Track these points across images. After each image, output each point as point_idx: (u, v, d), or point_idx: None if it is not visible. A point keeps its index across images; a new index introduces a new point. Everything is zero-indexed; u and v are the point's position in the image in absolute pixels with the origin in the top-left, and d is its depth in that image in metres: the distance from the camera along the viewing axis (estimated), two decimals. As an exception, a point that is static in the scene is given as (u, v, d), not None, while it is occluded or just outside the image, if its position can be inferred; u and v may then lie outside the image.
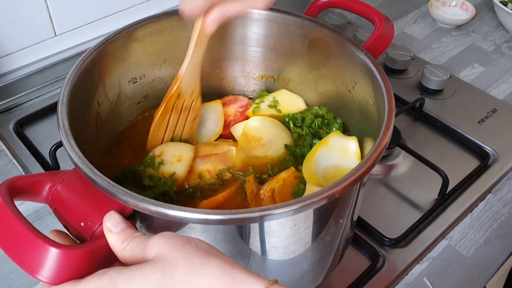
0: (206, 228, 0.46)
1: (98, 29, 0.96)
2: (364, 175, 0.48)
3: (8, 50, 0.88)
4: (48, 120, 0.85)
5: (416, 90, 0.94)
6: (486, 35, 1.12)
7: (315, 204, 0.45)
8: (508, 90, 0.97)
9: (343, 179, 0.46)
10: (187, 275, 0.36)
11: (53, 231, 0.45)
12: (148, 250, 0.39)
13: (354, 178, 0.46)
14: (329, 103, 0.72)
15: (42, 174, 0.49)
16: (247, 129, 0.68)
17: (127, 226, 0.42)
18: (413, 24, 1.15)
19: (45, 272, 0.39)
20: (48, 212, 0.72)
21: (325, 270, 0.60)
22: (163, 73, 0.72)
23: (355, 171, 0.47)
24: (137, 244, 0.39)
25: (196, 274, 0.36)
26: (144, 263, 0.38)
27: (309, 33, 0.68)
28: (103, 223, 0.42)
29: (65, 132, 0.51)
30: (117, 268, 0.38)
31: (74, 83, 0.56)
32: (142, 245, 0.39)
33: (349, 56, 0.64)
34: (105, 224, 0.42)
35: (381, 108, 0.55)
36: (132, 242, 0.40)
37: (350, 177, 0.46)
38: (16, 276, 0.65)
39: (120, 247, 0.40)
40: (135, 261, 0.39)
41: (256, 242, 0.48)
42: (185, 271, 0.36)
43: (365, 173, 0.48)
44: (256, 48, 0.74)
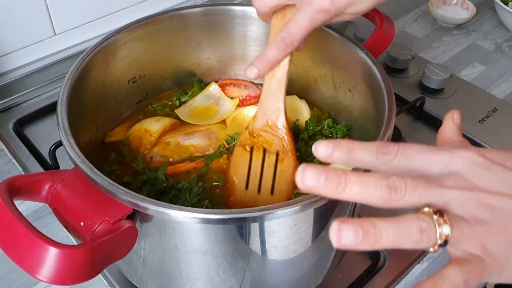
0: (206, 227, 0.46)
1: (98, 28, 0.96)
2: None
3: (7, 49, 0.88)
4: (47, 120, 0.85)
5: (416, 89, 0.94)
6: (487, 34, 1.12)
7: (316, 203, 0.45)
8: (508, 89, 0.97)
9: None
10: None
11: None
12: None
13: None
14: (329, 103, 0.72)
15: (41, 174, 0.49)
16: (240, 114, 0.70)
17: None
18: (413, 23, 1.15)
19: (45, 271, 0.39)
20: (48, 211, 0.71)
21: (325, 270, 0.59)
22: (163, 73, 0.72)
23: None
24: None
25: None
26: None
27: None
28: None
29: (65, 131, 0.50)
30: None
31: (73, 83, 0.56)
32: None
33: (349, 56, 0.63)
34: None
35: (382, 108, 0.55)
36: None
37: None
38: (16, 276, 0.64)
39: None
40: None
41: (256, 241, 0.48)
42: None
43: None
44: (256, 48, 0.74)
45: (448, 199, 0.35)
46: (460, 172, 0.35)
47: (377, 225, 0.33)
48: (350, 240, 0.32)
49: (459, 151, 0.36)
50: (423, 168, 0.36)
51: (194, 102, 0.73)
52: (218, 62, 0.76)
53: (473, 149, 0.37)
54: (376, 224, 0.33)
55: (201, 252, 0.48)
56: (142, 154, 0.64)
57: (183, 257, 0.50)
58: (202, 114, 0.72)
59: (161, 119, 0.69)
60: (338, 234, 0.33)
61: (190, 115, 0.71)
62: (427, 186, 0.35)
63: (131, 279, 0.60)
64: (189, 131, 0.69)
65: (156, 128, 0.67)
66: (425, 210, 0.34)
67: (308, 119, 0.70)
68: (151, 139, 0.66)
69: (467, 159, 0.36)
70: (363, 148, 0.37)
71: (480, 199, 0.34)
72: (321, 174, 0.34)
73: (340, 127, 0.68)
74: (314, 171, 0.34)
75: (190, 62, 0.74)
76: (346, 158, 0.37)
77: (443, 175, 0.36)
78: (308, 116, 0.71)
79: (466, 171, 0.35)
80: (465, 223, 0.34)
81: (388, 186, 0.34)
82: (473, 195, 0.35)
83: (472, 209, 0.34)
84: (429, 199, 0.35)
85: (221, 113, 0.72)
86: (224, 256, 0.49)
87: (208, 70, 0.76)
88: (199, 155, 0.66)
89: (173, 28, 0.69)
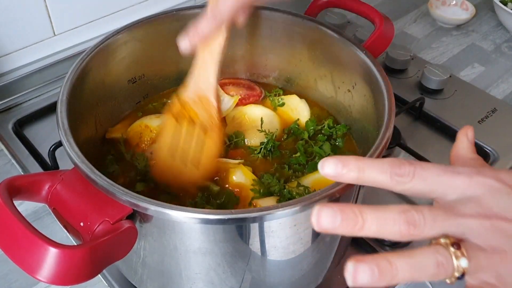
0: (206, 228, 0.46)
1: (98, 28, 0.96)
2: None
3: (7, 50, 0.88)
4: (47, 120, 0.85)
5: (416, 90, 0.94)
6: (486, 35, 1.12)
7: (316, 204, 0.44)
8: (508, 90, 0.97)
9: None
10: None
11: None
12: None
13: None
14: (329, 103, 0.72)
15: (41, 174, 0.49)
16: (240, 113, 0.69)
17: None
18: (413, 23, 1.15)
19: (45, 272, 0.39)
20: (48, 212, 0.71)
21: (325, 270, 0.59)
22: (163, 73, 0.72)
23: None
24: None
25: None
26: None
27: (309, 33, 0.68)
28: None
29: (65, 131, 0.50)
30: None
31: (73, 83, 0.56)
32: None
33: (349, 56, 0.64)
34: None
35: (381, 108, 0.55)
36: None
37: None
38: (15, 276, 0.64)
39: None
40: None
41: (256, 242, 0.48)
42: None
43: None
44: (256, 48, 0.74)
45: (466, 228, 0.34)
46: (478, 198, 0.35)
47: (393, 262, 0.32)
48: (365, 280, 0.32)
49: (478, 177, 0.35)
50: (441, 192, 0.36)
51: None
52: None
53: (490, 174, 0.36)
54: (391, 261, 0.32)
55: (201, 253, 0.48)
56: (142, 153, 0.64)
57: (182, 258, 0.50)
58: None
59: (162, 115, 0.69)
60: (354, 275, 0.32)
61: None
62: (445, 216, 0.34)
63: (130, 279, 0.60)
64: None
65: (157, 124, 0.67)
66: (441, 241, 0.34)
67: (309, 119, 0.70)
68: (152, 134, 0.66)
69: (486, 186, 0.35)
70: (374, 167, 0.35)
71: (498, 227, 0.34)
72: (337, 215, 0.33)
73: (340, 127, 0.68)
74: (329, 212, 0.33)
75: (190, 62, 0.74)
76: (357, 177, 0.35)
77: (461, 201, 0.35)
78: (308, 116, 0.71)
79: (485, 198, 0.35)
80: (482, 253, 0.34)
81: (406, 221, 0.33)
82: (492, 223, 0.34)
83: (490, 238, 0.34)
84: (447, 229, 0.34)
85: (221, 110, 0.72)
86: (224, 257, 0.49)
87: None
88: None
89: (173, 29, 0.68)
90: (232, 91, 0.75)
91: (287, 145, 0.67)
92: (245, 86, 0.76)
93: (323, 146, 0.65)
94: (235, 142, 0.67)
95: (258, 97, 0.75)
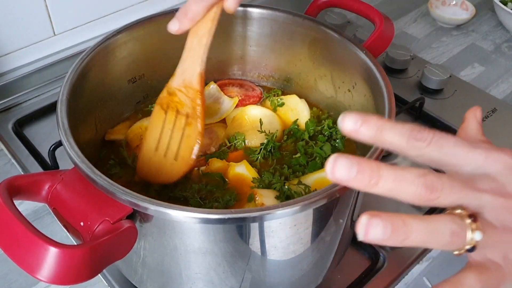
0: (206, 227, 0.46)
1: (97, 28, 0.96)
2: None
3: (7, 50, 0.88)
4: (47, 120, 0.85)
5: (416, 90, 0.94)
6: (486, 35, 1.12)
7: (315, 203, 0.45)
8: (508, 90, 0.97)
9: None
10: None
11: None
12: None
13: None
14: (329, 103, 0.72)
15: (41, 174, 0.49)
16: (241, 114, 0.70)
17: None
18: (413, 23, 1.15)
19: (45, 271, 0.39)
20: (48, 211, 0.71)
21: (325, 270, 0.59)
22: (163, 73, 0.72)
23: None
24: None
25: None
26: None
27: (309, 33, 0.68)
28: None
29: (65, 131, 0.50)
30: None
31: (73, 83, 0.56)
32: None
33: (349, 56, 0.64)
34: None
35: (381, 108, 0.55)
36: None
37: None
38: (15, 276, 0.64)
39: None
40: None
41: (256, 242, 0.48)
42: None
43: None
44: (256, 48, 0.74)
45: (482, 202, 0.33)
46: (494, 176, 0.34)
47: (408, 223, 0.32)
48: (377, 235, 0.31)
49: (495, 153, 0.35)
50: (455, 163, 0.35)
51: (193, 102, 0.73)
52: (218, 62, 0.76)
53: (509, 152, 0.35)
54: (407, 222, 0.32)
55: (201, 252, 0.48)
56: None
57: (183, 257, 0.50)
58: None
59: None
60: (366, 228, 0.31)
61: None
62: (463, 187, 0.33)
63: (130, 279, 0.60)
64: None
65: None
66: (458, 211, 0.33)
67: (308, 119, 0.70)
68: None
69: (503, 164, 0.34)
70: (394, 128, 0.34)
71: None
72: (353, 166, 0.32)
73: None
74: (346, 162, 0.32)
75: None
76: (374, 136, 0.34)
77: (477, 176, 0.34)
78: (308, 116, 0.71)
79: (502, 176, 0.34)
80: (494, 230, 0.33)
81: (425, 185, 0.32)
82: (506, 202, 0.33)
83: (503, 216, 0.33)
84: (463, 201, 0.33)
85: (221, 112, 0.72)
86: (224, 256, 0.49)
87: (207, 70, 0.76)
88: (200, 154, 0.66)
89: (173, 28, 0.68)
90: (232, 92, 0.75)
91: (287, 146, 0.67)
92: (245, 87, 0.76)
93: (324, 147, 0.65)
94: (235, 144, 0.67)
95: (258, 98, 0.75)
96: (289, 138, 0.68)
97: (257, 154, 0.64)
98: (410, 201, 0.32)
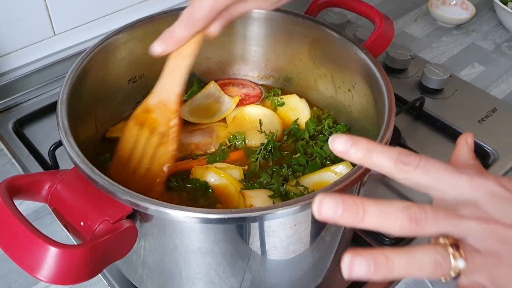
0: (206, 227, 0.46)
1: (98, 28, 0.96)
2: (364, 175, 0.47)
3: (7, 50, 0.88)
4: (47, 120, 0.85)
5: (416, 90, 0.94)
6: (486, 34, 1.12)
7: (316, 203, 0.44)
8: (508, 90, 0.97)
9: (343, 178, 0.46)
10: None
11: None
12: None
13: (354, 177, 0.46)
14: (329, 103, 0.72)
15: (41, 174, 0.49)
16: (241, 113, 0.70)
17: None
18: (413, 23, 1.15)
19: (45, 271, 0.39)
20: (48, 211, 0.71)
21: (325, 270, 0.59)
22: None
23: (355, 171, 0.47)
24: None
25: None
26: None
27: (309, 32, 0.68)
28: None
29: (65, 131, 0.50)
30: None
31: (73, 83, 0.56)
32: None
33: (349, 56, 0.64)
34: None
35: (381, 108, 0.55)
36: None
37: (350, 176, 0.46)
38: (15, 275, 0.64)
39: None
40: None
41: (256, 241, 0.48)
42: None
43: (365, 173, 0.48)
44: (256, 48, 0.74)
45: (465, 230, 0.34)
46: (478, 201, 0.35)
47: (390, 258, 0.33)
48: (361, 272, 0.32)
49: (478, 179, 0.36)
50: (441, 187, 0.36)
51: (194, 101, 0.73)
52: (218, 62, 0.76)
53: (492, 178, 0.36)
54: (389, 257, 0.33)
55: (201, 252, 0.48)
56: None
57: (183, 257, 0.50)
58: (202, 113, 0.72)
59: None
60: (350, 267, 0.32)
61: (191, 114, 0.71)
62: (446, 216, 0.34)
63: (130, 279, 0.60)
64: (190, 129, 0.69)
65: None
66: (441, 241, 0.34)
67: (309, 118, 0.70)
68: None
69: (486, 190, 0.35)
70: (383, 152, 0.36)
71: (496, 232, 0.34)
72: (339, 205, 0.33)
73: (340, 127, 0.68)
74: (331, 202, 0.33)
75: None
76: (363, 158, 0.36)
77: (461, 202, 0.35)
78: (308, 115, 0.71)
79: (484, 202, 0.35)
80: (478, 255, 0.34)
81: (409, 217, 0.33)
82: (490, 228, 0.34)
83: (487, 242, 0.34)
84: (447, 229, 0.34)
85: (221, 111, 0.72)
86: (224, 256, 0.49)
87: (208, 70, 0.76)
88: (200, 153, 0.66)
89: (173, 28, 0.68)
90: (232, 91, 0.75)
91: (287, 146, 0.67)
92: (245, 86, 0.76)
93: (324, 147, 0.65)
94: (236, 143, 0.67)
95: (258, 97, 0.75)
96: (289, 137, 0.68)
97: (257, 154, 0.64)
98: (396, 234, 0.34)
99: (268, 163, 0.65)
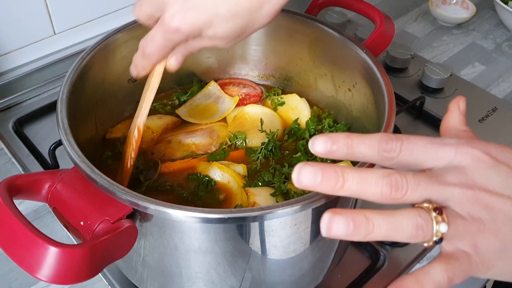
0: (206, 227, 0.46)
1: (98, 27, 0.96)
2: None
3: (7, 49, 0.88)
4: (47, 119, 0.85)
5: (416, 89, 0.94)
6: (487, 34, 1.12)
7: (316, 203, 0.44)
8: (508, 89, 0.97)
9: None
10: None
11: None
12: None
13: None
14: (329, 102, 0.72)
15: (41, 173, 0.49)
16: (241, 113, 0.70)
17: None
18: (413, 22, 1.15)
19: (45, 271, 0.39)
20: (48, 211, 0.71)
21: (325, 269, 0.59)
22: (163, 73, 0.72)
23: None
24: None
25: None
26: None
27: (309, 32, 0.68)
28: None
29: (65, 130, 0.50)
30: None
31: (73, 82, 0.56)
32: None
33: (349, 55, 0.63)
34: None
35: (381, 107, 0.55)
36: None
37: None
38: (15, 275, 0.64)
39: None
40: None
41: (256, 241, 0.48)
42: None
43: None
44: (256, 47, 0.74)
45: (449, 196, 0.34)
46: (464, 168, 0.35)
47: (370, 218, 0.33)
48: (340, 231, 0.32)
49: (465, 147, 0.36)
50: (428, 164, 0.36)
51: (194, 102, 0.73)
52: (218, 61, 0.76)
53: (479, 145, 0.36)
54: (369, 217, 0.33)
55: (201, 252, 0.48)
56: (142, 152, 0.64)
57: (183, 257, 0.50)
58: (202, 113, 0.72)
59: (163, 116, 0.70)
60: (329, 226, 0.32)
61: (190, 115, 0.71)
62: (429, 182, 0.34)
63: (131, 278, 0.60)
64: (190, 130, 0.69)
65: (158, 125, 0.67)
66: (424, 205, 0.34)
67: (309, 118, 0.70)
68: (153, 135, 0.66)
69: (472, 157, 0.35)
70: (363, 143, 0.36)
71: (480, 199, 0.34)
72: (318, 173, 0.34)
73: (340, 126, 0.68)
74: (310, 170, 0.34)
75: (190, 61, 0.74)
76: (346, 154, 0.36)
77: (446, 169, 0.35)
78: (308, 115, 0.71)
79: (470, 169, 0.35)
80: (462, 221, 0.34)
81: (389, 184, 0.34)
82: (474, 194, 0.34)
83: (471, 208, 0.34)
84: (430, 195, 0.34)
85: (221, 111, 0.72)
86: (224, 256, 0.49)
87: (208, 70, 0.76)
88: (201, 153, 0.66)
89: (173, 28, 0.68)
90: (233, 91, 0.75)
91: (288, 146, 0.67)
92: (246, 86, 0.76)
93: None
94: (236, 143, 0.66)
95: (258, 97, 0.75)
96: (290, 137, 0.68)
97: (258, 153, 0.64)
98: (377, 201, 0.34)
99: (269, 163, 0.65)
